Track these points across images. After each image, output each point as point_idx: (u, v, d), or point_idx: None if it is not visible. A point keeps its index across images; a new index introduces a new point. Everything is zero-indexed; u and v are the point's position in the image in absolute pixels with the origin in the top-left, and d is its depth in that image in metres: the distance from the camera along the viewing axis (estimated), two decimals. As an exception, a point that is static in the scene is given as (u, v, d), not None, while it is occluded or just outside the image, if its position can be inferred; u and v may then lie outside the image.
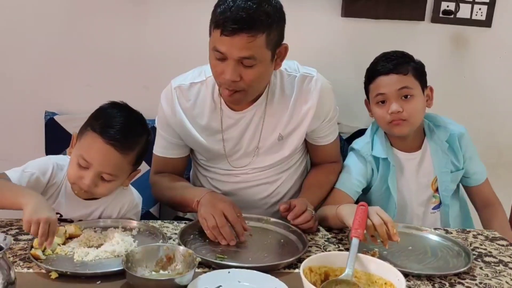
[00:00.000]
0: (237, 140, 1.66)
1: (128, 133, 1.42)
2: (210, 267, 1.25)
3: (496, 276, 1.31)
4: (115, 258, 1.25)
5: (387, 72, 1.68)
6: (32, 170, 1.43)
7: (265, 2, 1.41)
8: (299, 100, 1.63)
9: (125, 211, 1.53)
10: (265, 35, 1.41)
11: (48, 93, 2.11)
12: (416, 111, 1.68)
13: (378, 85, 1.69)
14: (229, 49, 1.40)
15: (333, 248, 1.43)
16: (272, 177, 1.73)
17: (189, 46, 2.09)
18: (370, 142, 1.76)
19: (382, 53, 1.76)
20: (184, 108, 1.63)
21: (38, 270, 1.19)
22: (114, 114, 1.44)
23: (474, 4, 2.19)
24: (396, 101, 1.66)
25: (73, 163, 1.41)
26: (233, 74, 1.43)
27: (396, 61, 1.69)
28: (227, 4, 1.39)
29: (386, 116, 1.67)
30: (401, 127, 1.68)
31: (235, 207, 1.43)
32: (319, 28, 2.15)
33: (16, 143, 2.13)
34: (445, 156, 1.75)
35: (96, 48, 2.09)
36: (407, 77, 1.67)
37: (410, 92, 1.66)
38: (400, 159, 1.76)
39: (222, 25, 1.38)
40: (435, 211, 1.79)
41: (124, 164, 1.44)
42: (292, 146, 1.68)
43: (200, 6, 2.07)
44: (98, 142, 1.39)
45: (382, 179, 1.75)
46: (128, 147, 1.42)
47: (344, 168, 1.79)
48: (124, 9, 2.07)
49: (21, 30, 2.05)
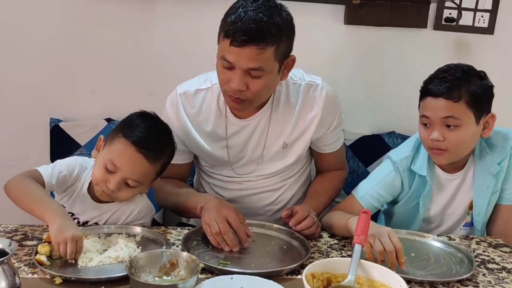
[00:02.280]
0: (241, 147, 1.66)
1: (159, 143, 1.46)
2: (213, 273, 1.26)
3: (499, 283, 1.31)
4: (119, 263, 1.26)
5: (437, 95, 1.50)
6: (61, 169, 1.47)
7: (276, 14, 1.41)
8: (304, 108, 1.63)
9: (132, 218, 1.54)
10: (274, 47, 1.41)
11: (53, 99, 2.13)
12: (460, 143, 1.52)
13: (425, 106, 1.54)
14: (238, 60, 1.41)
15: (336, 254, 1.43)
16: (275, 184, 1.73)
17: (194, 53, 2.10)
18: (412, 156, 1.62)
19: (445, 67, 1.56)
20: (189, 114, 1.64)
21: (43, 275, 1.20)
22: (145, 124, 1.46)
23: (476, 12, 2.20)
24: (439, 128, 1.51)
25: (100, 165, 1.43)
26: (240, 83, 1.43)
27: (451, 83, 1.49)
28: (238, 14, 1.39)
29: (428, 141, 1.53)
30: (440, 157, 1.54)
31: (239, 214, 1.44)
32: (322, 36, 2.17)
33: (21, 150, 2.15)
34: (489, 179, 1.59)
35: (101, 55, 2.11)
36: (457, 105, 1.48)
37: (456, 123, 1.49)
38: (440, 179, 1.63)
39: (232, 36, 1.38)
40: (466, 228, 1.69)
41: (152, 172, 1.47)
42: (297, 153, 1.68)
43: (205, 13, 2.10)
44: (130, 150, 1.41)
45: (413, 195, 1.64)
46: (157, 157, 1.45)
47: (371, 175, 1.69)
48: (129, 16, 2.09)
49: (26, 37, 2.07)
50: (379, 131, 2.23)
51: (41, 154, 2.07)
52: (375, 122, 2.27)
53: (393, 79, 2.26)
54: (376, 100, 2.27)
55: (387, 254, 1.27)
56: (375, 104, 2.28)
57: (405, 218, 1.68)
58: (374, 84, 2.27)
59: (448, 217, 1.68)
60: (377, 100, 2.27)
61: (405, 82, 2.25)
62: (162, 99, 1.72)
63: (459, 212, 1.66)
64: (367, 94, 2.27)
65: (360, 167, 2.19)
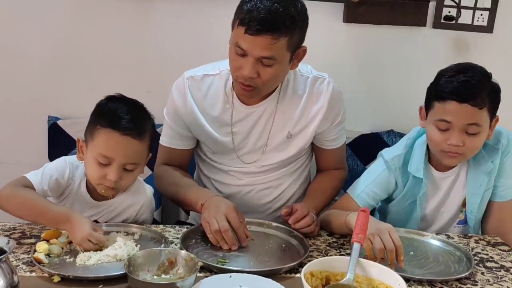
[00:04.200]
0: (245, 134, 1.66)
1: (138, 119, 1.44)
2: (212, 271, 1.26)
3: (497, 281, 1.31)
4: (117, 262, 1.26)
5: (462, 100, 1.44)
6: (51, 173, 1.45)
7: (292, 5, 1.44)
8: (310, 100, 1.65)
9: (133, 214, 1.53)
10: (287, 38, 1.44)
11: (51, 98, 2.13)
12: (476, 148, 1.52)
13: (446, 110, 1.47)
14: (251, 48, 1.43)
15: (335, 252, 1.43)
16: (275, 181, 1.73)
17: (193, 51, 2.10)
18: (403, 155, 1.61)
19: (459, 67, 1.50)
20: (195, 98, 1.64)
21: (41, 274, 1.20)
22: (116, 106, 1.45)
23: (475, 10, 2.20)
24: (459, 134, 1.46)
25: (92, 164, 1.42)
26: (251, 70, 1.46)
27: (475, 89, 1.44)
28: (255, 3, 1.41)
29: (443, 145, 1.49)
30: (453, 160, 1.53)
31: (239, 213, 1.44)
32: (321, 33, 2.17)
33: (20, 148, 2.14)
34: (482, 177, 1.58)
35: (99, 52, 2.11)
36: (482, 111, 1.45)
37: (477, 130, 1.46)
38: (434, 178, 1.63)
39: (247, 24, 1.41)
40: (460, 226, 1.69)
41: (144, 149, 1.46)
42: (300, 145, 1.68)
43: (204, 11, 2.10)
44: (115, 136, 1.40)
45: (407, 194, 1.63)
46: (142, 132, 1.44)
47: (365, 173, 1.69)
48: (127, 14, 2.08)
49: (24, 35, 2.07)
50: (378, 129, 2.23)
51: (39, 152, 2.07)
52: (374, 121, 2.27)
53: (392, 77, 2.26)
54: (375, 98, 2.27)
55: (387, 252, 1.27)
56: (374, 102, 2.28)
57: (401, 217, 1.67)
58: (373, 82, 2.27)
59: (442, 215, 1.68)
60: (376, 98, 2.27)
61: (404, 80, 2.26)
62: (161, 97, 1.71)
63: (452, 209, 1.67)
64: (366, 92, 2.27)
65: (358, 166, 2.19)
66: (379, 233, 1.30)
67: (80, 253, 1.29)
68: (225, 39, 1.53)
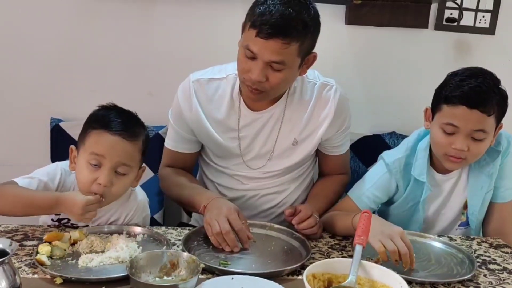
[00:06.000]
0: (251, 140, 1.66)
1: (129, 123, 1.44)
2: (214, 273, 1.26)
3: (500, 283, 1.31)
4: (120, 264, 1.26)
5: (472, 106, 1.44)
6: (41, 177, 1.45)
7: (305, 11, 1.42)
8: (317, 106, 1.64)
9: (129, 218, 1.54)
10: (299, 43, 1.42)
11: (54, 99, 2.13)
12: (479, 154, 1.52)
13: (454, 114, 1.47)
14: (261, 51, 1.42)
15: (337, 254, 1.43)
16: (281, 186, 1.73)
17: (194, 52, 2.10)
18: (404, 158, 1.61)
19: (470, 72, 1.50)
20: (201, 101, 1.63)
21: (43, 275, 1.20)
22: (109, 112, 1.46)
23: (477, 12, 2.20)
24: (464, 139, 1.47)
25: (83, 168, 1.41)
26: (260, 74, 1.44)
27: (486, 95, 1.44)
28: (267, 6, 1.40)
29: (447, 148, 1.50)
30: (455, 164, 1.53)
31: (241, 214, 1.44)
32: (323, 36, 2.14)
33: (22, 150, 2.15)
34: (484, 179, 1.59)
35: (101, 54, 2.11)
36: (490, 118, 1.45)
37: (483, 136, 1.47)
38: (436, 180, 1.63)
39: (258, 27, 1.39)
40: (461, 228, 1.69)
41: (135, 152, 1.44)
42: (305, 152, 1.67)
43: (206, 13, 2.10)
44: (106, 136, 1.40)
45: (409, 197, 1.63)
46: (134, 134, 1.43)
47: (366, 175, 1.69)
48: (129, 16, 2.09)
49: (25, 36, 2.07)
50: (379, 131, 2.23)
51: (42, 154, 2.07)
52: (376, 122, 2.27)
53: (394, 79, 2.26)
54: (376, 100, 2.27)
55: (401, 256, 1.28)
56: (376, 104, 2.28)
57: (402, 220, 1.66)
58: (375, 84, 2.27)
59: (443, 217, 1.68)
60: (377, 100, 2.27)
61: (406, 82, 2.26)
62: (162, 99, 1.72)
63: (454, 212, 1.67)
64: (367, 94, 2.27)
65: (360, 167, 2.19)
66: (391, 237, 1.31)
67: (83, 255, 1.28)
68: (227, 41, 1.53)
